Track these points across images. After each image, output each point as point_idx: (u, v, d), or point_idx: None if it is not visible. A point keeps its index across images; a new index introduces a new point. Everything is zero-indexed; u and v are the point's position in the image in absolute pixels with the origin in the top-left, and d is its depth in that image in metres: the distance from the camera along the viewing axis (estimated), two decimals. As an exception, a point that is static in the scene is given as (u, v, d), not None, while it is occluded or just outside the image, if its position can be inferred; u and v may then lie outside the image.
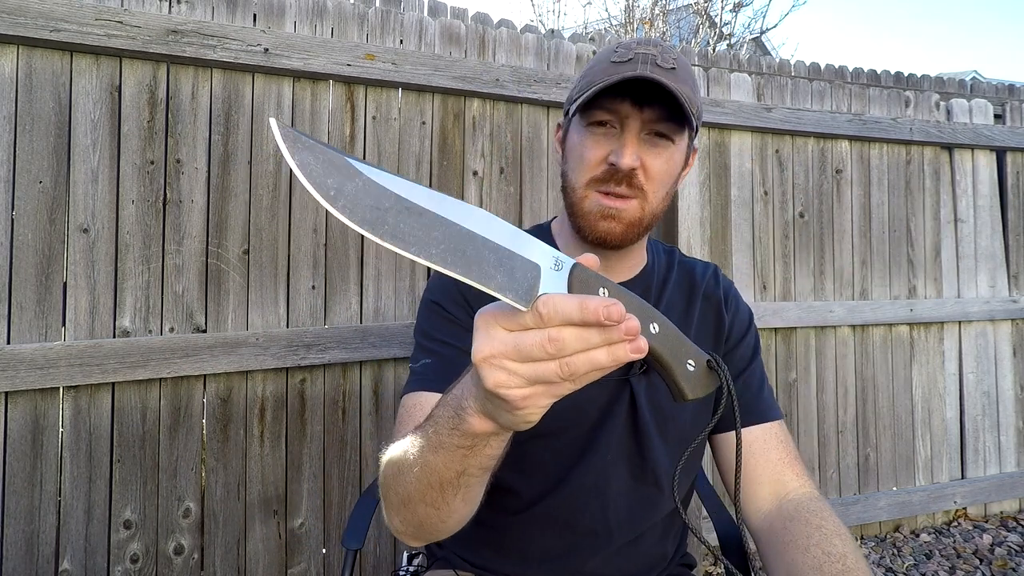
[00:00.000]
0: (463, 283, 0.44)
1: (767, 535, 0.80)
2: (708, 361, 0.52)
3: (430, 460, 0.57)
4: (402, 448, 0.63)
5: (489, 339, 0.43)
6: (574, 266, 0.45)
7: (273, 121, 0.42)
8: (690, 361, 0.51)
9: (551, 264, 0.45)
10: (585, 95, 0.77)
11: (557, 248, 0.84)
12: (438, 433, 0.55)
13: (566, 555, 0.85)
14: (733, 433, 0.84)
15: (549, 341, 0.41)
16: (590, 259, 0.46)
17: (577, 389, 0.44)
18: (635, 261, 0.90)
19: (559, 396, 0.45)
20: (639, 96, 0.76)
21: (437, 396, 0.74)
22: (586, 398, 0.84)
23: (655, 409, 0.85)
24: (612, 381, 0.84)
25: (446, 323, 0.83)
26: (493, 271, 0.43)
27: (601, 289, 0.46)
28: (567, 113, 0.86)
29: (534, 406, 0.45)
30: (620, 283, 0.85)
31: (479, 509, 0.87)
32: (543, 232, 0.95)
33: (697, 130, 0.84)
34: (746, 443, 0.85)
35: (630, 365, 0.83)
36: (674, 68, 0.76)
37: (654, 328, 0.48)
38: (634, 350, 0.42)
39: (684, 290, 0.92)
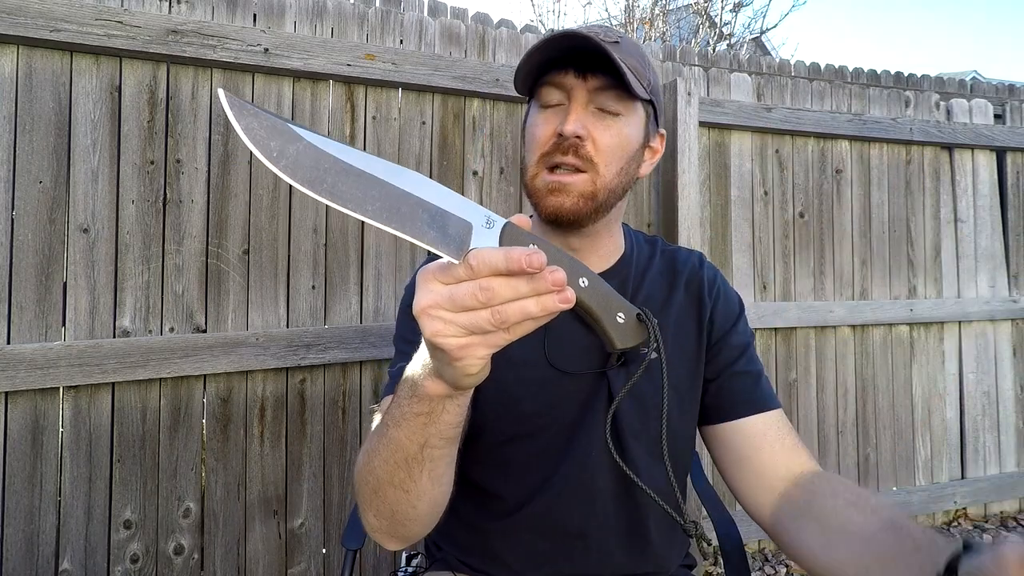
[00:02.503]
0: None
1: (785, 506, 0.76)
2: (638, 314, 0.55)
3: (394, 435, 0.59)
4: (370, 437, 0.66)
5: (427, 292, 0.46)
6: (506, 224, 0.48)
7: (221, 91, 0.47)
8: (620, 314, 0.54)
9: (483, 222, 0.48)
10: (524, 58, 0.78)
11: None
12: (399, 406, 0.57)
13: (559, 558, 0.84)
14: (726, 425, 0.84)
15: (480, 291, 0.44)
16: (522, 219, 0.49)
17: (512, 340, 0.46)
18: (608, 249, 0.88)
19: (496, 346, 0.47)
20: (582, 65, 0.76)
21: None
22: (563, 395, 0.83)
23: (635, 400, 0.83)
24: (589, 376, 0.83)
25: (418, 325, 0.82)
26: (426, 228, 0.47)
27: (531, 245, 0.47)
28: (527, 101, 0.87)
29: (471, 356, 0.47)
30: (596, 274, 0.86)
31: (469, 514, 0.87)
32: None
33: (656, 109, 0.83)
34: (748, 435, 0.82)
35: (607, 359, 0.82)
36: (617, 42, 0.76)
37: (583, 282, 0.51)
38: (562, 300, 0.45)
39: (666, 278, 0.90)
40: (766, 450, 0.81)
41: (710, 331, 0.88)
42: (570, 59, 0.77)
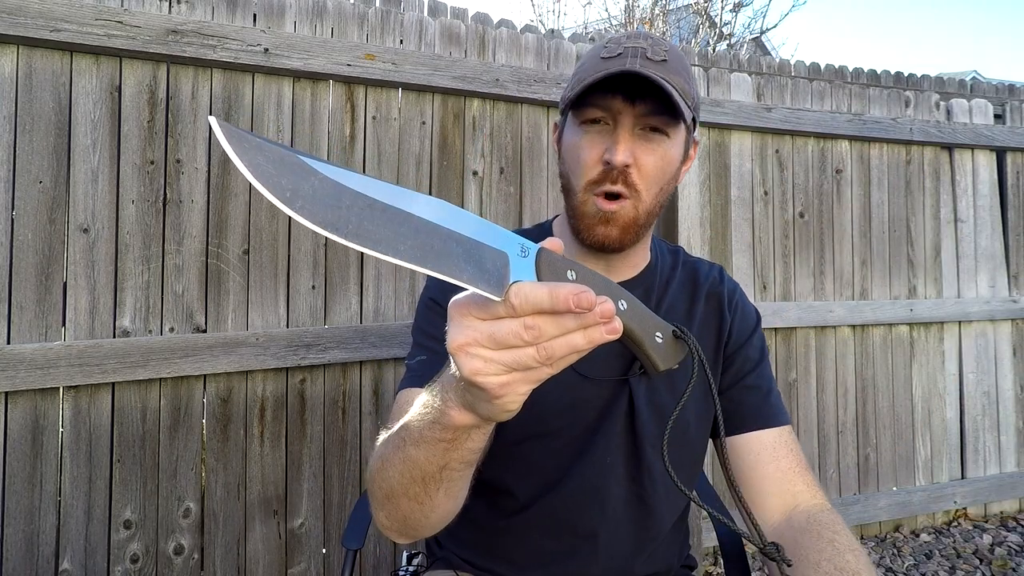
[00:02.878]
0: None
1: (774, 538, 0.77)
2: (674, 331, 0.53)
3: (412, 454, 0.57)
4: (386, 443, 0.63)
5: (463, 328, 0.43)
6: (539, 251, 0.45)
7: (213, 120, 0.39)
8: (658, 333, 0.51)
9: (518, 251, 0.44)
10: (574, 92, 0.77)
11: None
12: (420, 427, 0.55)
13: (566, 558, 0.84)
14: (737, 437, 0.83)
15: (526, 329, 0.41)
16: (555, 243, 0.46)
17: (555, 373, 0.44)
18: (637, 260, 0.89)
19: (538, 381, 0.45)
20: (630, 91, 0.75)
21: None
22: (584, 399, 0.83)
23: (655, 410, 0.83)
24: (611, 382, 0.83)
25: (442, 320, 0.83)
26: (463, 263, 0.42)
27: (569, 272, 0.45)
28: (563, 112, 0.85)
29: (513, 393, 0.44)
30: (621, 282, 0.85)
31: (477, 511, 0.87)
32: (544, 231, 0.94)
33: (696, 121, 0.83)
34: (754, 450, 0.82)
35: (629, 366, 0.82)
36: (665, 60, 0.75)
37: (623, 305, 0.49)
38: (609, 331, 0.43)
39: (688, 290, 0.90)
40: (759, 470, 0.81)
41: (727, 344, 0.88)
42: (618, 82, 0.74)
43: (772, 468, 0.81)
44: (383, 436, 0.67)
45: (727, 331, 0.88)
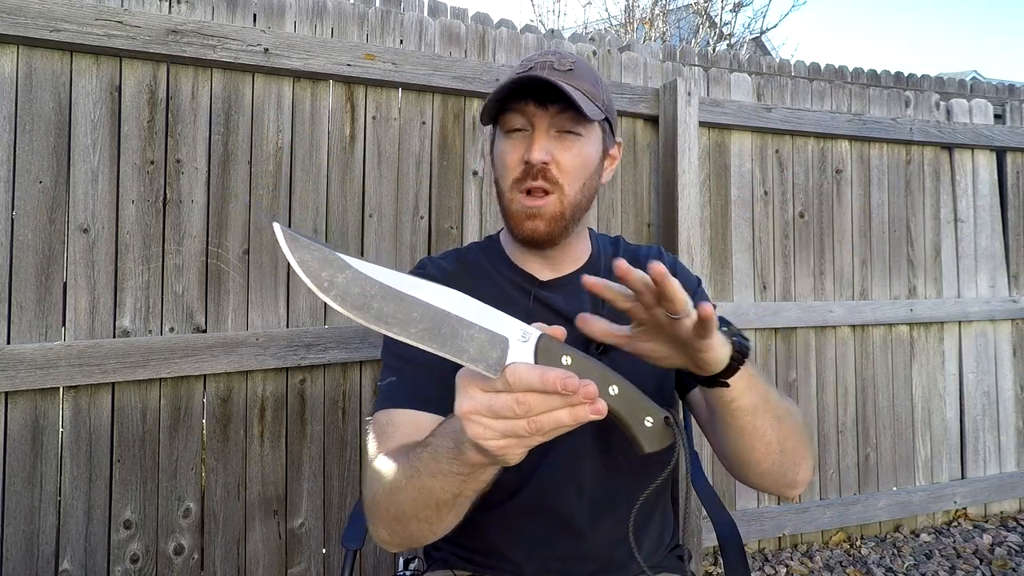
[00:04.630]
0: None
1: None
2: (665, 418, 0.56)
3: (427, 483, 0.62)
4: (393, 469, 0.68)
5: (468, 397, 0.50)
6: (540, 338, 0.52)
7: (276, 226, 0.49)
8: (648, 418, 0.55)
9: (519, 336, 0.51)
10: (489, 100, 0.86)
11: (507, 256, 0.94)
12: (437, 461, 0.60)
13: (552, 542, 0.86)
14: (689, 395, 0.89)
15: (517, 404, 0.48)
16: (557, 331, 0.53)
17: (547, 440, 0.51)
18: (577, 253, 0.95)
19: (531, 446, 0.51)
20: (540, 97, 0.83)
21: (405, 412, 0.80)
22: None
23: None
24: None
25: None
26: (465, 345, 0.50)
27: (565, 357, 0.52)
28: (493, 126, 0.93)
29: (510, 453, 0.51)
30: (567, 274, 0.92)
31: (470, 510, 0.89)
32: (493, 243, 0.99)
33: (611, 124, 0.91)
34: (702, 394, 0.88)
35: (587, 347, 0.85)
36: (571, 70, 0.85)
37: (613, 390, 0.53)
38: (593, 411, 0.49)
39: None
40: None
41: None
42: (529, 90, 0.84)
43: None
44: (381, 458, 0.71)
45: None
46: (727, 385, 0.67)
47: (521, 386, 0.48)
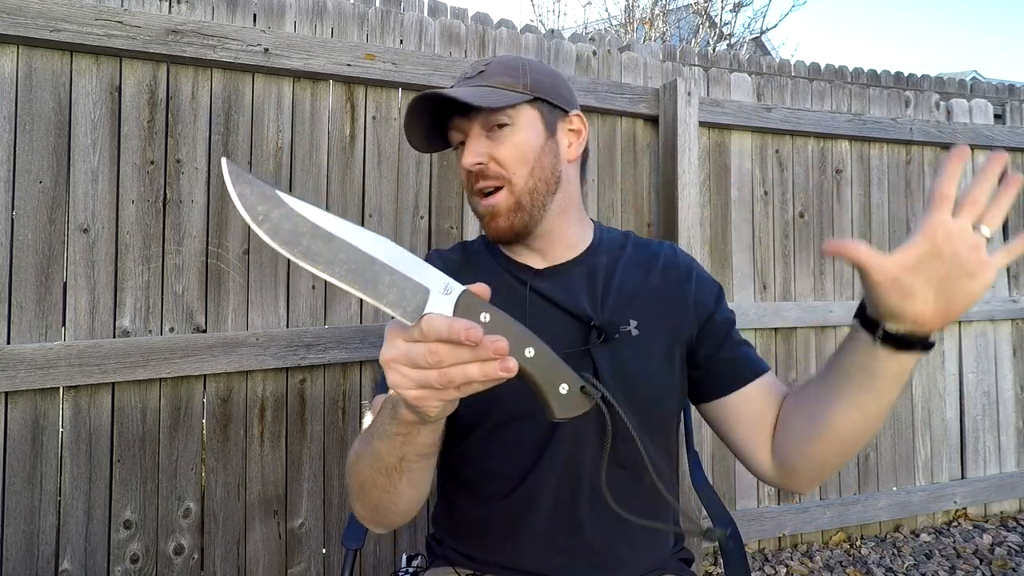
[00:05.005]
0: None
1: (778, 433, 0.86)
2: (583, 387, 0.57)
3: (377, 447, 0.66)
4: (359, 441, 0.74)
5: (391, 346, 0.52)
6: (462, 292, 0.52)
7: (224, 160, 0.51)
8: (564, 385, 0.56)
9: (440, 289, 0.52)
10: (409, 131, 0.89)
11: (502, 250, 0.93)
12: (382, 423, 0.64)
13: (555, 532, 0.86)
14: (733, 396, 0.88)
15: (429, 353, 0.49)
16: (481, 287, 0.53)
17: (464, 395, 0.52)
18: (571, 241, 0.93)
19: (447, 399, 0.53)
20: (459, 109, 0.87)
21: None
22: None
23: (619, 375, 0.85)
24: (573, 354, 0.85)
25: None
26: (386, 290, 0.51)
27: (484, 314, 0.52)
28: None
29: (427, 404, 0.53)
30: (562, 263, 0.92)
31: (468, 504, 0.91)
32: (483, 241, 1.00)
33: (552, 99, 0.89)
34: (748, 398, 0.87)
35: (588, 335, 0.86)
36: (482, 71, 0.87)
37: (529, 352, 0.54)
38: (502, 368, 0.50)
39: (641, 265, 0.94)
40: (772, 408, 0.86)
41: (697, 313, 0.92)
42: (447, 106, 0.86)
43: (772, 408, 0.87)
44: (357, 440, 0.76)
45: (691, 303, 0.92)
46: (931, 347, 0.65)
47: (433, 335, 0.49)
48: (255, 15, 1.62)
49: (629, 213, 2.09)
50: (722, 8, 8.07)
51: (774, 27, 12.07)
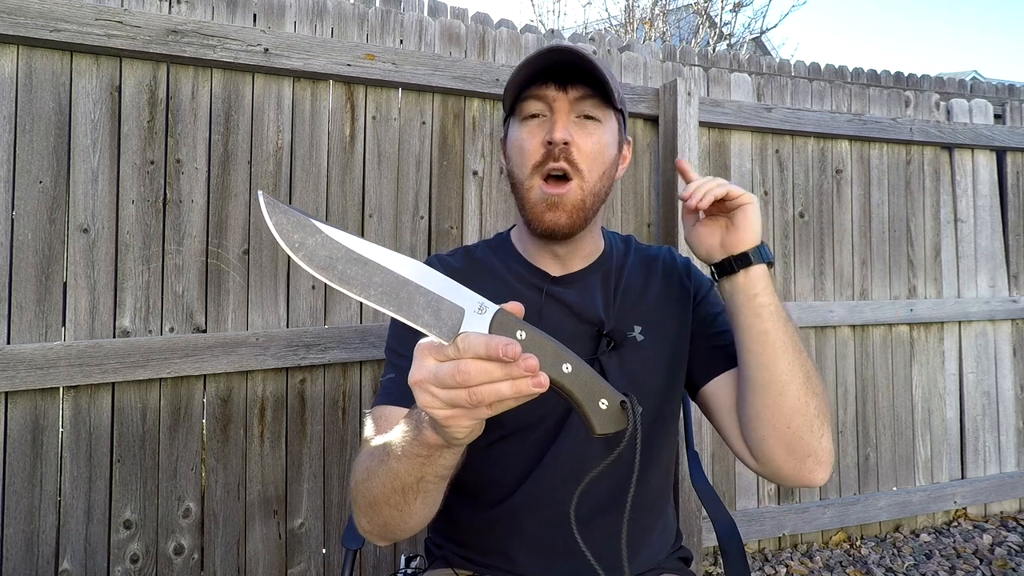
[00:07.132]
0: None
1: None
2: (622, 402, 0.56)
3: (394, 467, 0.64)
4: (370, 456, 0.70)
5: (420, 367, 0.51)
6: (497, 311, 0.53)
7: (260, 193, 0.53)
8: (603, 400, 0.55)
9: (475, 308, 0.52)
10: (514, 74, 0.84)
11: (519, 253, 0.94)
12: (402, 443, 0.62)
13: (552, 539, 0.86)
14: (723, 376, 0.89)
15: (457, 372, 0.49)
16: (515, 306, 0.53)
17: (495, 413, 0.51)
18: (589, 250, 0.94)
19: (478, 419, 0.52)
20: (562, 79, 0.82)
21: (400, 409, 0.80)
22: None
23: (628, 384, 0.86)
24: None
25: (409, 340, 0.85)
26: (421, 311, 0.52)
27: (519, 332, 0.52)
28: (505, 121, 0.92)
29: (457, 425, 0.52)
30: (578, 271, 0.92)
31: (466, 509, 0.90)
32: (503, 240, 0.99)
33: (625, 118, 0.91)
34: (723, 385, 0.89)
35: (598, 343, 0.87)
36: (590, 57, 0.83)
37: (566, 368, 0.54)
38: (535, 384, 0.49)
39: (642, 270, 0.96)
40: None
41: (695, 306, 0.95)
42: (550, 73, 0.82)
43: None
44: (365, 448, 0.73)
45: (692, 296, 0.95)
46: (750, 263, 0.77)
47: (471, 353, 0.48)
48: (255, 15, 1.62)
49: (629, 213, 2.09)
50: (722, 8, 8.07)
51: (774, 27, 12.07)
